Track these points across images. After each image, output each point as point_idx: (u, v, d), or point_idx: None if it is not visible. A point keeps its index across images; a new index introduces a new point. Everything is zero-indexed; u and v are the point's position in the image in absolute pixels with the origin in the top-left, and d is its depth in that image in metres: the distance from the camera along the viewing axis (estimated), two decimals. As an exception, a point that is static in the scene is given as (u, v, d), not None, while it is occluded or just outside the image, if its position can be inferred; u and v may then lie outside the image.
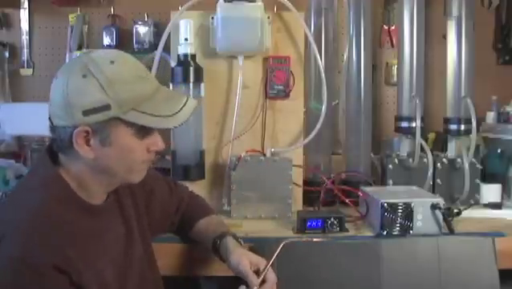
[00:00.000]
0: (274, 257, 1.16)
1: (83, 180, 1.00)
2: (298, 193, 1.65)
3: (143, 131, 0.98)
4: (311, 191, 1.66)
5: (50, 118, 0.98)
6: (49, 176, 0.99)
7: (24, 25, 2.14)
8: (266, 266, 1.12)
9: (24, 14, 2.14)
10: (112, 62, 0.96)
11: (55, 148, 1.00)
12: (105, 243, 1.03)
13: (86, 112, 0.93)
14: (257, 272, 1.11)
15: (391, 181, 1.72)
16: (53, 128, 0.98)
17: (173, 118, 0.99)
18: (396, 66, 2.02)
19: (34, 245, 0.89)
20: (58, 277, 0.90)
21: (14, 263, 0.87)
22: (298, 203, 1.63)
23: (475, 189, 1.68)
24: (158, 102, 0.98)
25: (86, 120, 0.93)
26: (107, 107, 0.93)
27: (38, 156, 1.11)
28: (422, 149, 1.68)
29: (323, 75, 1.64)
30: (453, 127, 1.75)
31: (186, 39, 1.52)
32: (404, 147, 1.76)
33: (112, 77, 0.94)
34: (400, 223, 1.39)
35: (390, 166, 1.72)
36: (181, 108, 1.00)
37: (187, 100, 1.02)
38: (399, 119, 1.76)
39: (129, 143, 0.98)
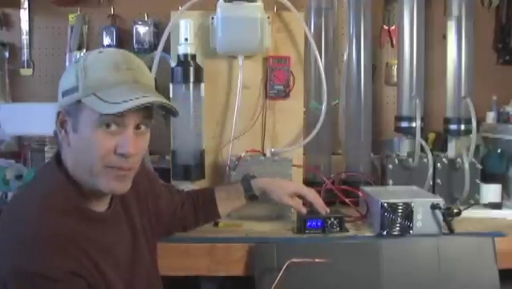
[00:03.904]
0: (278, 278, 1.22)
1: (81, 180, 0.98)
2: (298, 193, 1.65)
3: (103, 120, 0.93)
4: (311, 191, 1.66)
5: None
6: (54, 183, 0.98)
7: (24, 25, 2.14)
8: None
9: (24, 14, 2.14)
10: (101, 52, 0.99)
11: (58, 145, 1.02)
12: (114, 253, 1.02)
13: (63, 94, 0.97)
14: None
15: (391, 181, 1.72)
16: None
17: (118, 105, 0.91)
18: (396, 66, 2.02)
19: (44, 257, 0.88)
20: (76, 281, 0.90)
21: (29, 276, 0.86)
22: (298, 203, 1.63)
23: (475, 189, 1.68)
24: (120, 91, 0.93)
25: (62, 102, 0.97)
26: (74, 90, 0.95)
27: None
28: (422, 149, 1.67)
29: (323, 75, 1.64)
30: (453, 127, 1.75)
31: (186, 39, 1.52)
32: (404, 147, 1.76)
33: (89, 64, 0.96)
34: (400, 223, 1.38)
35: (390, 166, 1.72)
36: (136, 98, 0.92)
37: (154, 96, 0.95)
38: (399, 119, 1.76)
39: (91, 132, 0.94)
